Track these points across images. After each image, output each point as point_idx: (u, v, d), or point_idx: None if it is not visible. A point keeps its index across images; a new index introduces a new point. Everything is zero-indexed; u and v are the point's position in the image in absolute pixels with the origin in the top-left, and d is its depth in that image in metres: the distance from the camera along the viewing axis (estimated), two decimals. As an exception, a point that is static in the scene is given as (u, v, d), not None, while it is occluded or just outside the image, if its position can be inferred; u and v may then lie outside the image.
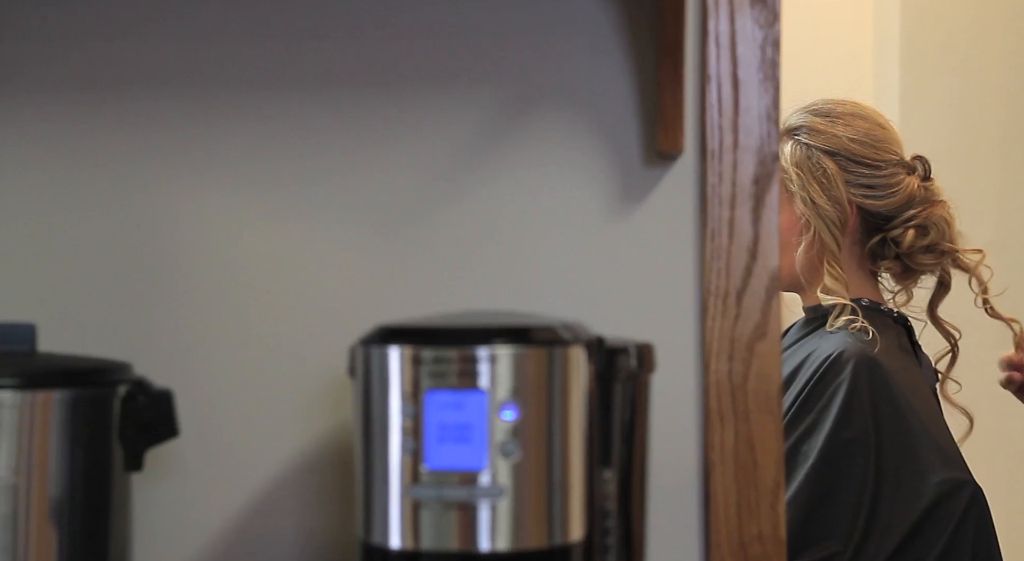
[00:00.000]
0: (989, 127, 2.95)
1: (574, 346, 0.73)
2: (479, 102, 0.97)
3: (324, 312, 0.94)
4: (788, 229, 1.63)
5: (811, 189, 1.61)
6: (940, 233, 1.63)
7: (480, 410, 0.69)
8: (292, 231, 0.96)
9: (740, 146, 0.95)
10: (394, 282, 0.96)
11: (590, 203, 0.97)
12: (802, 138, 1.63)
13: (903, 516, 1.45)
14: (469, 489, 0.69)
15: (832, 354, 1.52)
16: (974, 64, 2.95)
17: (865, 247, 1.64)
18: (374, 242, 0.96)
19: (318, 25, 0.96)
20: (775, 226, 0.96)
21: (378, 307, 0.90)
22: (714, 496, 0.94)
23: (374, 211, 0.96)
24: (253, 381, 0.94)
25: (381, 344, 0.71)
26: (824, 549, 1.44)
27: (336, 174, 0.96)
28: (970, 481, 1.49)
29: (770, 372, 0.94)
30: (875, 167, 1.62)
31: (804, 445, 1.49)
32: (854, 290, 1.63)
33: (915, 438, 1.48)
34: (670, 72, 0.92)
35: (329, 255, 0.96)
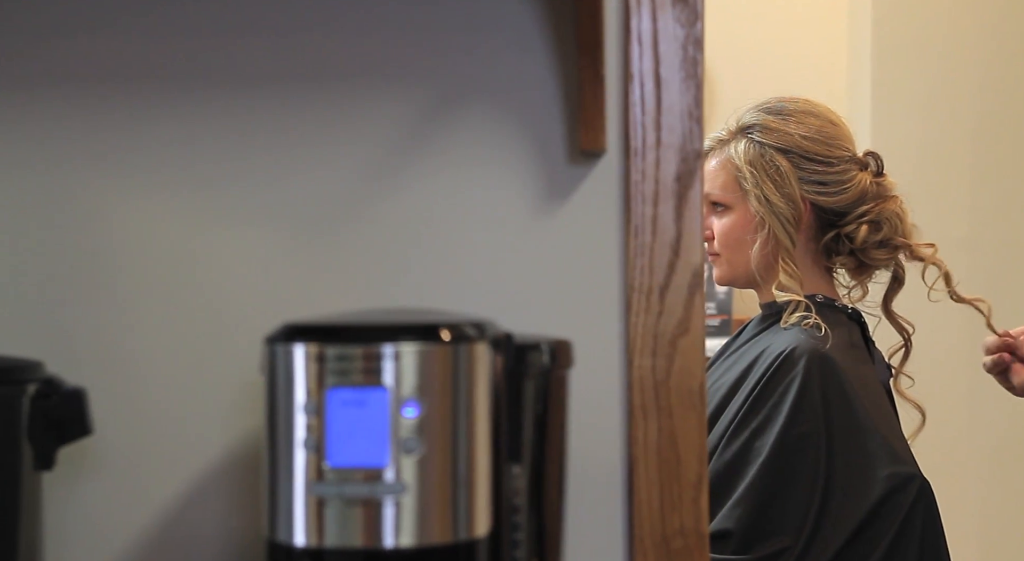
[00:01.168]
0: (961, 125, 2.97)
1: (479, 343, 0.74)
2: (403, 101, 0.97)
3: (247, 312, 0.94)
4: (743, 227, 1.65)
5: (765, 187, 1.62)
6: (893, 228, 1.65)
7: (382, 407, 0.70)
8: (216, 232, 0.96)
9: (663, 144, 0.96)
10: (319, 282, 0.97)
11: (515, 201, 0.98)
12: (755, 136, 1.64)
13: (853, 510, 1.47)
14: (371, 486, 0.69)
15: (784, 351, 1.53)
16: (945, 62, 2.97)
17: (819, 243, 1.66)
18: (299, 242, 0.97)
19: (242, 23, 0.97)
20: (698, 223, 0.97)
21: (302, 307, 0.90)
22: (637, 491, 0.95)
23: (299, 211, 0.97)
24: (175, 380, 0.95)
25: (286, 342, 0.72)
26: (775, 544, 1.45)
27: (260, 175, 0.97)
28: (918, 475, 1.51)
29: (692, 368, 0.95)
30: (827, 164, 1.63)
31: (757, 441, 1.51)
32: (809, 286, 1.65)
33: (865, 434, 1.50)
34: (589, 70, 0.92)
35: (253, 255, 0.96)
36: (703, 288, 0.98)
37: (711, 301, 3.30)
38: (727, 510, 1.48)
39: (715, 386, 1.64)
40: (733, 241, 1.67)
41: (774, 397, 1.51)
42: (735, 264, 1.68)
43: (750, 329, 1.74)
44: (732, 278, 1.71)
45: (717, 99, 3.48)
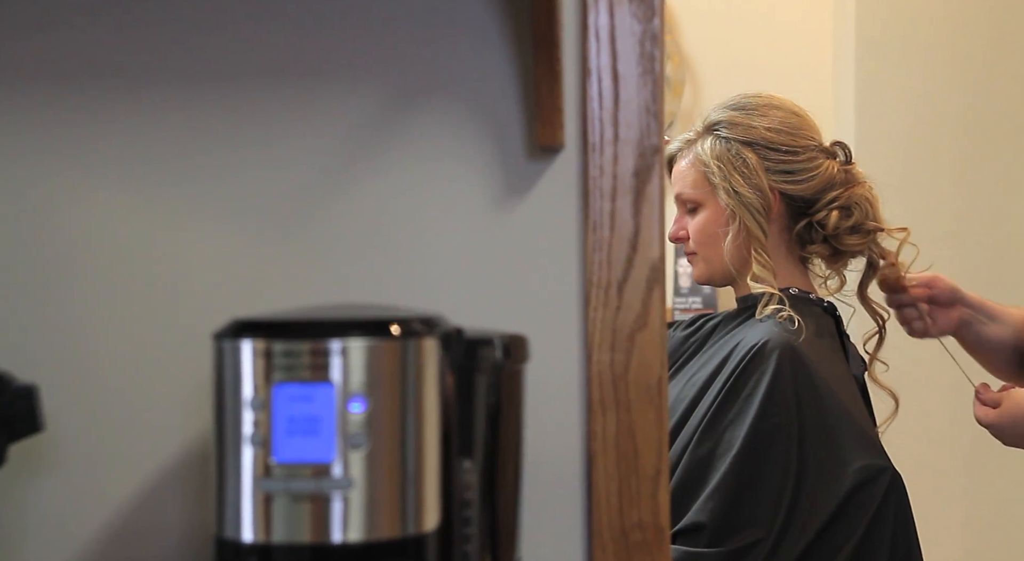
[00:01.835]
0: (945, 121, 2.98)
1: (428, 338, 0.74)
2: (361, 96, 0.97)
3: (204, 308, 0.94)
4: (715, 222, 1.66)
5: (733, 180, 1.63)
6: (864, 213, 1.66)
7: (328, 403, 0.70)
8: (172, 227, 0.96)
9: (620, 139, 0.97)
10: (277, 278, 0.97)
11: (474, 196, 0.98)
12: (721, 132, 1.66)
13: (824, 502, 1.47)
14: (318, 481, 0.70)
15: (757, 344, 1.54)
16: (930, 59, 2.98)
17: (792, 233, 1.66)
18: (257, 238, 0.97)
19: (200, 19, 0.97)
20: (656, 218, 0.97)
21: (259, 303, 0.90)
22: (596, 485, 0.95)
23: (257, 207, 0.97)
24: (131, 377, 0.95)
25: (233, 338, 0.72)
26: (748, 536, 1.46)
27: (217, 171, 0.97)
28: (889, 467, 1.52)
29: (651, 362, 0.96)
30: (793, 153, 1.64)
31: (729, 434, 1.51)
32: (783, 278, 1.66)
33: (836, 426, 1.50)
34: (545, 66, 0.92)
35: (210, 251, 0.97)
36: (662, 283, 0.98)
37: (697, 296, 3.31)
38: (700, 503, 1.49)
39: (692, 380, 1.65)
40: (707, 237, 1.68)
41: (746, 390, 1.52)
42: (711, 260, 1.69)
43: (726, 322, 1.74)
44: (710, 275, 1.72)
45: (703, 100, 3.49)
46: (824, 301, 1.70)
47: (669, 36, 3.58)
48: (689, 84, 3.59)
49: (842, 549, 1.47)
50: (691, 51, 3.62)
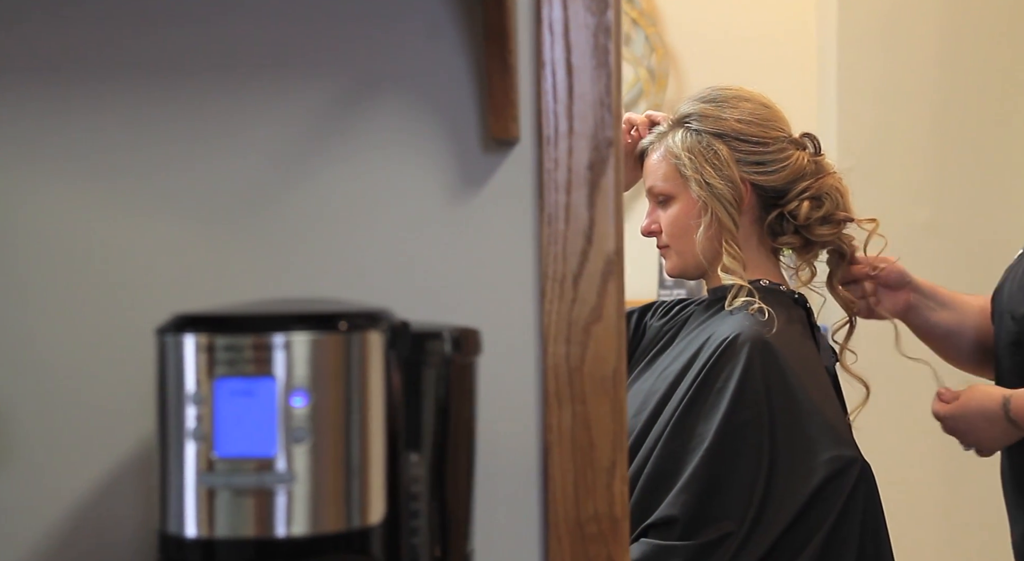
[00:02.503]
0: (925, 112, 2.99)
1: (372, 332, 0.74)
2: (314, 90, 0.98)
3: (156, 302, 0.93)
4: (687, 214, 1.66)
5: (704, 171, 1.63)
6: (835, 203, 1.66)
7: (270, 397, 0.70)
8: (125, 222, 0.96)
9: (575, 132, 0.97)
10: (232, 273, 0.97)
11: (429, 190, 0.98)
12: (692, 125, 1.66)
13: (795, 493, 1.48)
14: (260, 475, 0.70)
15: (728, 337, 1.54)
16: (911, 51, 2.99)
17: (763, 225, 1.67)
18: (211, 233, 0.97)
19: (151, 12, 0.97)
20: (611, 211, 0.97)
21: (212, 298, 0.90)
22: (552, 477, 0.95)
23: (211, 202, 0.97)
24: (83, 373, 0.95)
25: (176, 333, 0.72)
26: (719, 529, 1.46)
27: (171, 164, 0.97)
28: (859, 458, 1.52)
29: (606, 354, 0.96)
30: (763, 144, 1.65)
31: (700, 428, 1.52)
32: (754, 270, 1.66)
33: (806, 419, 1.51)
34: (497, 58, 0.93)
35: (163, 246, 0.97)
36: (618, 275, 0.98)
37: (682, 289, 3.31)
38: (672, 497, 1.49)
39: (664, 373, 1.65)
40: (679, 230, 1.68)
41: (717, 384, 1.52)
42: (684, 253, 1.69)
43: (698, 313, 1.75)
44: (683, 268, 1.72)
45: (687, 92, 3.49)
46: (795, 293, 1.70)
47: (653, 29, 3.58)
48: (673, 76, 3.59)
49: (812, 540, 1.47)
50: (675, 43, 3.62)
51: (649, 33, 3.59)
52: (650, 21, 3.59)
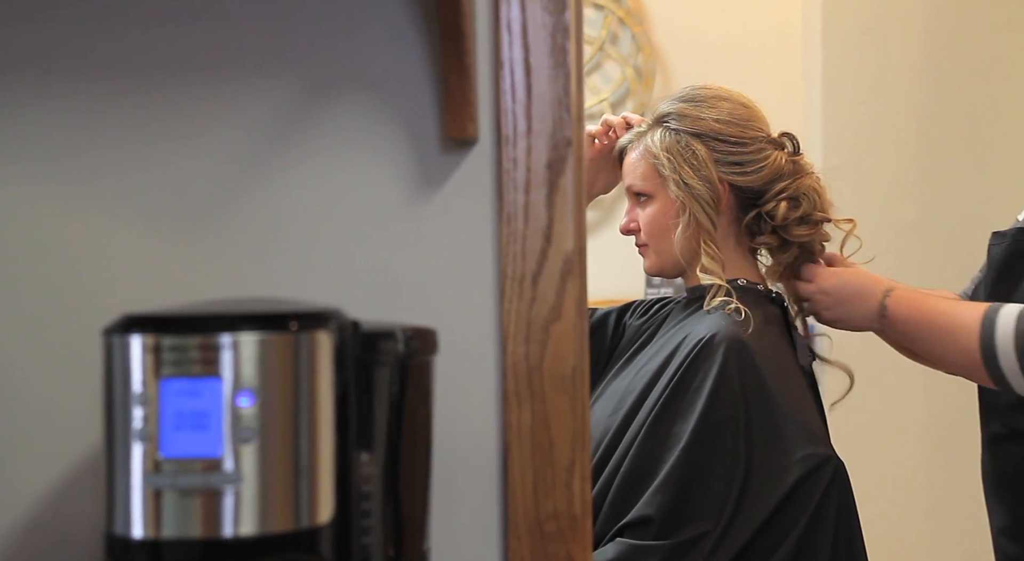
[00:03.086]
0: (911, 111, 2.99)
1: (320, 331, 0.74)
2: (274, 91, 0.98)
3: (114, 304, 0.94)
4: (665, 214, 1.66)
5: (683, 171, 1.63)
6: (812, 203, 1.67)
7: (216, 397, 0.70)
8: (83, 224, 0.97)
9: (534, 132, 0.97)
10: (192, 273, 0.97)
11: (388, 190, 0.98)
12: (671, 124, 1.66)
13: (770, 492, 1.48)
14: (206, 476, 0.70)
15: (704, 337, 1.55)
16: (896, 50, 3.00)
17: (741, 225, 1.67)
18: (170, 234, 0.97)
19: (107, 13, 0.97)
20: (570, 210, 0.97)
21: (173, 298, 0.91)
22: (511, 475, 0.95)
23: (170, 203, 0.97)
24: (41, 375, 0.95)
25: (122, 333, 0.72)
26: (695, 529, 1.47)
27: (129, 165, 0.97)
28: (833, 456, 1.53)
29: (565, 353, 0.96)
30: (741, 144, 1.65)
31: (676, 427, 1.52)
32: (732, 269, 1.66)
33: (782, 418, 1.51)
34: (453, 58, 0.93)
35: (123, 247, 0.97)
36: (578, 274, 0.98)
37: (669, 288, 3.32)
38: (648, 496, 1.49)
39: (641, 371, 1.66)
40: (657, 229, 1.68)
41: (694, 384, 1.53)
42: (662, 252, 1.70)
43: (676, 312, 1.75)
44: (661, 267, 1.73)
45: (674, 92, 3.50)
46: (772, 292, 1.70)
47: (639, 28, 3.59)
48: (660, 75, 3.60)
49: (786, 538, 1.48)
50: (661, 42, 3.62)
51: (636, 32, 3.59)
52: (637, 20, 3.59)
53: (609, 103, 3.61)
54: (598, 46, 3.60)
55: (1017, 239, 1.60)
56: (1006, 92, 2.95)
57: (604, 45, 3.61)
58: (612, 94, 3.61)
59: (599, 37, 3.60)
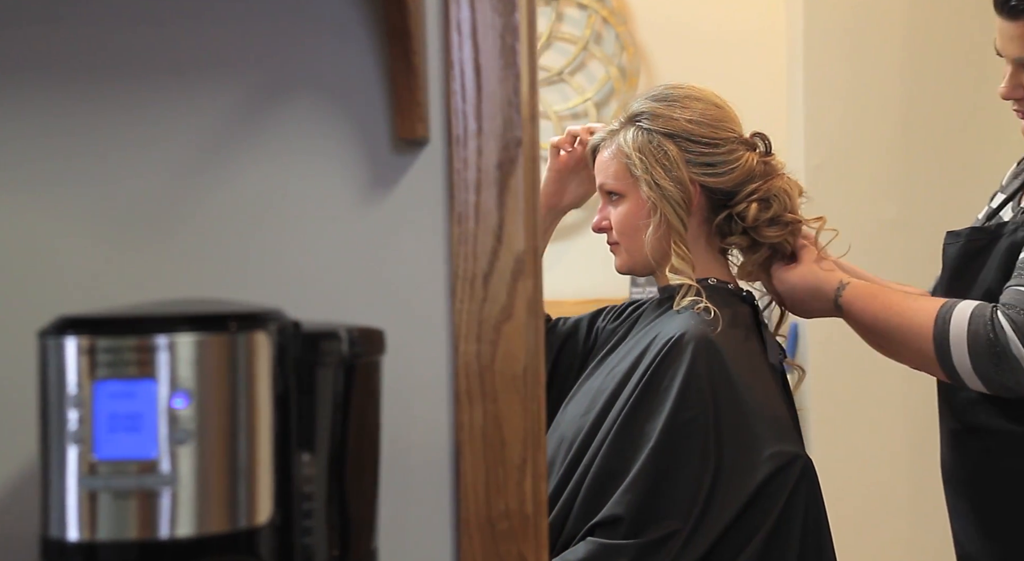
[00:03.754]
0: (891, 109, 3.00)
1: (258, 332, 0.74)
2: (223, 93, 0.98)
3: (61, 309, 0.94)
4: (636, 213, 1.67)
5: (654, 172, 1.64)
6: (782, 205, 1.67)
7: (150, 399, 0.70)
8: (30, 226, 0.97)
9: (484, 132, 0.97)
10: (139, 276, 0.97)
11: (339, 191, 0.98)
12: (643, 124, 1.66)
13: (739, 490, 1.48)
14: (140, 478, 0.70)
15: (673, 336, 1.55)
16: (877, 49, 3.01)
17: (712, 225, 1.67)
18: (118, 236, 0.97)
19: (56, 15, 0.97)
20: (520, 210, 0.98)
21: (120, 300, 0.91)
22: (463, 474, 0.96)
23: (117, 205, 0.97)
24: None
25: (57, 335, 0.72)
26: (665, 527, 1.47)
27: (73, 167, 0.97)
28: (801, 454, 1.53)
29: (516, 353, 0.96)
30: (713, 145, 1.65)
31: (646, 427, 1.52)
32: (702, 269, 1.67)
33: (750, 416, 1.52)
34: (401, 59, 0.93)
35: (70, 250, 0.97)
36: (529, 274, 0.98)
37: (653, 287, 3.31)
38: (618, 496, 1.50)
39: (612, 372, 1.66)
40: (629, 228, 1.69)
41: (663, 383, 1.53)
42: (633, 251, 1.70)
43: (648, 313, 1.76)
44: (632, 265, 1.73)
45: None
46: (743, 291, 1.71)
47: (623, 27, 3.59)
48: (644, 74, 3.60)
49: (755, 536, 1.48)
50: (645, 42, 3.63)
51: (620, 31, 3.59)
52: (620, 19, 3.60)
53: (594, 102, 3.61)
54: (582, 45, 3.60)
55: (971, 239, 1.61)
56: (986, 91, 2.94)
57: (588, 44, 3.61)
58: (596, 93, 3.61)
59: (583, 36, 3.60)
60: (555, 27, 3.67)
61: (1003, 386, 1.38)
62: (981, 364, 1.38)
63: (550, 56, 3.69)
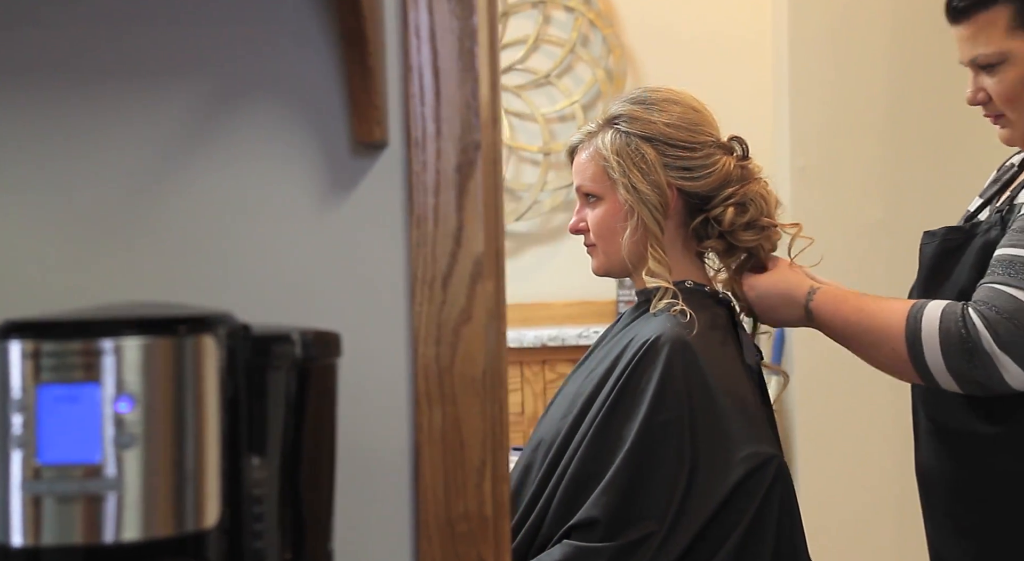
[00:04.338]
0: (876, 112, 3.00)
1: (205, 335, 0.74)
2: (181, 96, 0.98)
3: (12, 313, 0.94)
4: (613, 216, 1.67)
5: (632, 175, 1.64)
6: (759, 209, 1.67)
7: (94, 403, 0.70)
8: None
9: (443, 135, 0.97)
10: (100, 285, 0.97)
11: (299, 194, 0.99)
12: (621, 126, 1.67)
13: (714, 491, 1.49)
14: (85, 482, 0.70)
15: (649, 339, 1.55)
16: (862, 52, 3.01)
17: (689, 228, 1.68)
18: (74, 239, 0.97)
19: (8, 16, 0.96)
20: (479, 213, 0.98)
21: (76, 304, 0.91)
22: (423, 476, 0.96)
23: (74, 208, 0.97)
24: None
25: (1, 339, 0.72)
26: (641, 529, 1.47)
27: (31, 174, 0.97)
28: (776, 455, 1.53)
29: (475, 355, 0.96)
30: (691, 149, 1.65)
31: (622, 429, 1.53)
32: (679, 272, 1.67)
33: (725, 418, 1.52)
34: (356, 62, 0.93)
35: (24, 253, 0.97)
36: (488, 276, 0.99)
37: (643, 288, 3.32)
38: (594, 498, 1.50)
39: (591, 374, 1.66)
40: (605, 231, 1.69)
41: (639, 385, 1.53)
42: (609, 253, 1.71)
43: (626, 316, 1.76)
44: (608, 268, 1.74)
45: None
46: (719, 293, 1.71)
47: (610, 30, 3.60)
48: (631, 76, 3.61)
49: (730, 536, 1.48)
50: (632, 44, 3.63)
51: (606, 34, 3.60)
52: (607, 22, 3.60)
53: (580, 105, 3.62)
54: (569, 48, 3.61)
55: (947, 238, 1.62)
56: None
57: (575, 47, 3.62)
58: (583, 96, 3.62)
59: (570, 39, 3.61)
60: (542, 30, 3.67)
61: (976, 383, 1.38)
62: (953, 362, 1.38)
63: (537, 59, 3.69)
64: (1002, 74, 1.56)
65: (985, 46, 1.57)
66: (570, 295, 3.42)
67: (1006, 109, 1.58)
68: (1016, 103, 1.57)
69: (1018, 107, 1.57)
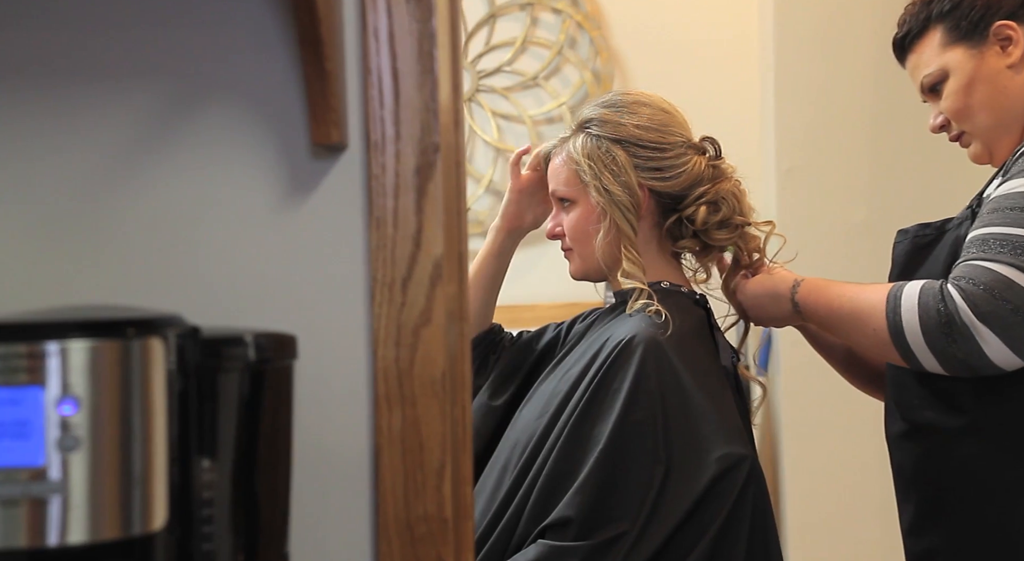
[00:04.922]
0: (861, 113, 3.01)
1: (152, 338, 0.74)
2: (139, 98, 0.98)
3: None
4: (587, 219, 1.68)
5: (603, 178, 1.65)
6: (731, 208, 1.68)
7: (37, 406, 0.70)
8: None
9: (402, 137, 0.97)
10: (56, 287, 0.97)
11: (257, 196, 0.99)
12: (592, 130, 1.68)
13: (687, 491, 1.49)
14: (28, 485, 0.70)
15: (623, 339, 1.56)
16: (847, 52, 3.01)
17: (663, 229, 1.68)
18: (28, 241, 0.97)
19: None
20: (439, 215, 0.98)
21: (28, 306, 0.90)
22: (382, 478, 0.96)
23: (30, 209, 0.97)
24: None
25: (-54, 344, 0.72)
26: (614, 529, 1.47)
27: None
28: (749, 456, 1.53)
29: (435, 357, 0.96)
30: (661, 149, 1.66)
31: (596, 428, 1.53)
32: (654, 273, 1.67)
33: (699, 418, 1.52)
34: (313, 64, 0.93)
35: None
36: (450, 279, 0.99)
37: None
38: (568, 498, 1.50)
39: (566, 375, 1.66)
40: (580, 234, 1.70)
41: (613, 385, 1.54)
42: (585, 257, 1.71)
43: (602, 317, 1.76)
44: (585, 271, 1.74)
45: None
46: (696, 294, 1.71)
47: (597, 32, 3.60)
48: (618, 79, 3.61)
49: (703, 537, 1.48)
50: (620, 46, 3.63)
51: (594, 36, 3.60)
52: (595, 24, 3.60)
53: (568, 107, 3.62)
54: (556, 50, 3.61)
55: (918, 235, 1.62)
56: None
57: (562, 49, 3.62)
58: (571, 98, 3.62)
59: (557, 41, 3.61)
60: (530, 32, 3.68)
61: (958, 361, 1.37)
62: (933, 338, 1.37)
63: (525, 61, 3.69)
64: (947, 90, 1.61)
65: (926, 67, 1.64)
66: (558, 297, 3.42)
67: (961, 124, 1.61)
68: (965, 113, 1.60)
69: (969, 117, 1.60)
